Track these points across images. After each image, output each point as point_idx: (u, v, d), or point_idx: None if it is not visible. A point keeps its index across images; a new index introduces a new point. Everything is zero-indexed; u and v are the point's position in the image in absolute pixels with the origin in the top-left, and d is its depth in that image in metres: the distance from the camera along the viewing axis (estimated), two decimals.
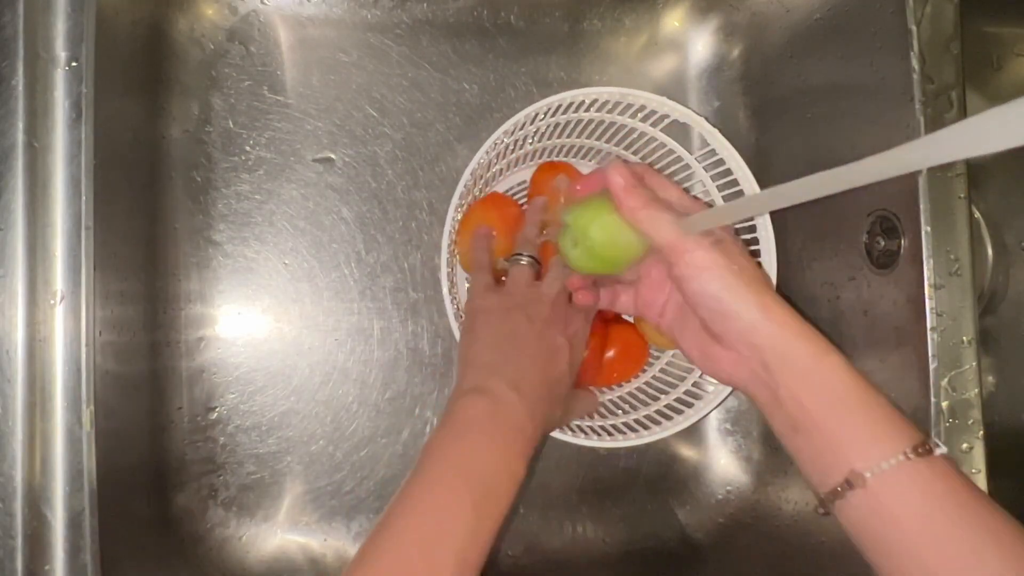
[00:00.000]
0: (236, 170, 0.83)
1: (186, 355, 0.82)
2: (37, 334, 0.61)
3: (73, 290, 0.61)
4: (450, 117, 0.87)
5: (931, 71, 0.69)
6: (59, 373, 0.61)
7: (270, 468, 0.83)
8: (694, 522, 0.90)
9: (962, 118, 0.68)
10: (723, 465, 0.92)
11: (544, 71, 0.89)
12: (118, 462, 0.68)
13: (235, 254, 0.83)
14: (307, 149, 0.85)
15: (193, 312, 0.82)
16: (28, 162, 0.61)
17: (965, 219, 0.69)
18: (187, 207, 0.82)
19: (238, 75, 0.84)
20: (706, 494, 0.91)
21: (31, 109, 0.61)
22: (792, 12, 0.83)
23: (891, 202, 0.72)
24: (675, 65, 0.93)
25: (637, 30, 0.91)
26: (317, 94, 0.85)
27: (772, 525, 0.85)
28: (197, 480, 0.82)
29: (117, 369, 0.69)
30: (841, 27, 0.77)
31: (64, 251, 0.61)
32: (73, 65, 0.62)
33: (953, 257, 0.69)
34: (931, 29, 0.70)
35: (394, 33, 0.86)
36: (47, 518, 0.61)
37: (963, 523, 0.50)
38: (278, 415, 0.83)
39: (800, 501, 0.83)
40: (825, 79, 0.80)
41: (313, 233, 0.84)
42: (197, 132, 0.83)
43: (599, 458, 0.89)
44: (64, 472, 0.61)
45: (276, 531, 0.83)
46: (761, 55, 0.88)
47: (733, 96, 0.92)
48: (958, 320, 0.68)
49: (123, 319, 0.71)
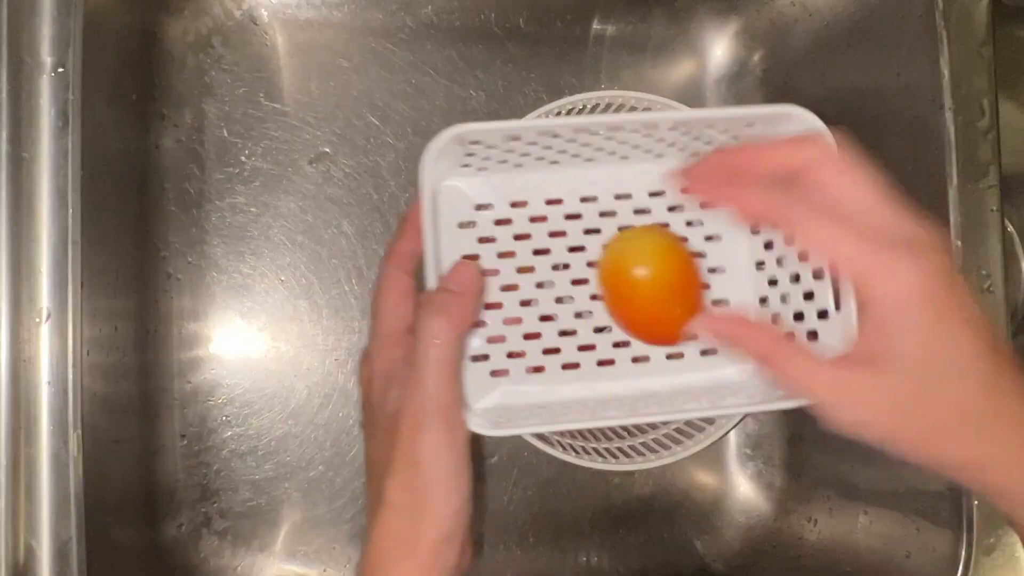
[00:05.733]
0: (231, 181, 0.82)
1: (178, 376, 0.80)
2: (21, 354, 0.60)
3: (59, 307, 0.60)
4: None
5: (961, 76, 0.68)
6: (44, 395, 0.60)
7: (267, 495, 0.81)
8: (713, 552, 0.89)
9: (994, 126, 0.68)
10: (743, 492, 0.90)
11: (555, 77, 0.87)
12: (107, 488, 0.66)
13: (230, 270, 0.82)
14: (305, 159, 0.83)
15: (186, 331, 0.81)
16: (12, 173, 0.60)
17: (997, 233, 0.68)
18: (179, 220, 0.81)
19: (233, 82, 0.82)
20: (725, 522, 0.90)
21: (15, 117, 0.60)
22: (815, 15, 0.82)
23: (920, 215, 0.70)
24: (692, 70, 0.91)
25: (652, 34, 0.90)
26: (316, 101, 0.84)
27: (795, 554, 0.84)
28: (190, 507, 0.80)
29: (106, 391, 0.67)
30: (866, 30, 0.76)
31: (50, 267, 0.60)
32: (59, 71, 0.61)
33: (985, 273, 0.68)
34: (961, 33, 0.69)
35: (397, 38, 0.85)
36: (32, 547, 0.59)
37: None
38: (275, 439, 0.82)
39: (824, 530, 0.82)
40: (850, 85, 0.78)
41: (312, 248, 0.83)
42: (190, 141, 0.81)
43: (613, 485, 0.87)
44: (50, 499, 0.60)
45: (273, 561, 0.81)
46: (782, 60, 0.87)
47: (753, 103, 0.90)
48: None
49: (112, 338, 0.70)
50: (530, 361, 0.62)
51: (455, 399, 0.50)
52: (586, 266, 0.63)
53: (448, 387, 0.50)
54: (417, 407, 0.50)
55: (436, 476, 0.50)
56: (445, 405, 0.50)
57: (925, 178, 0.69)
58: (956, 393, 0.47)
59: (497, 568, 0.84)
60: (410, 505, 0.50)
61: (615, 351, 0.64)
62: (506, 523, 0.85)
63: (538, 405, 0.61)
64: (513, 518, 0.85)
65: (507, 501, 0.85)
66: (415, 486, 0.50)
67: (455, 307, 0.51)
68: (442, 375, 0.50)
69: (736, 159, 0.53)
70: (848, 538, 0.78)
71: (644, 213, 0.64)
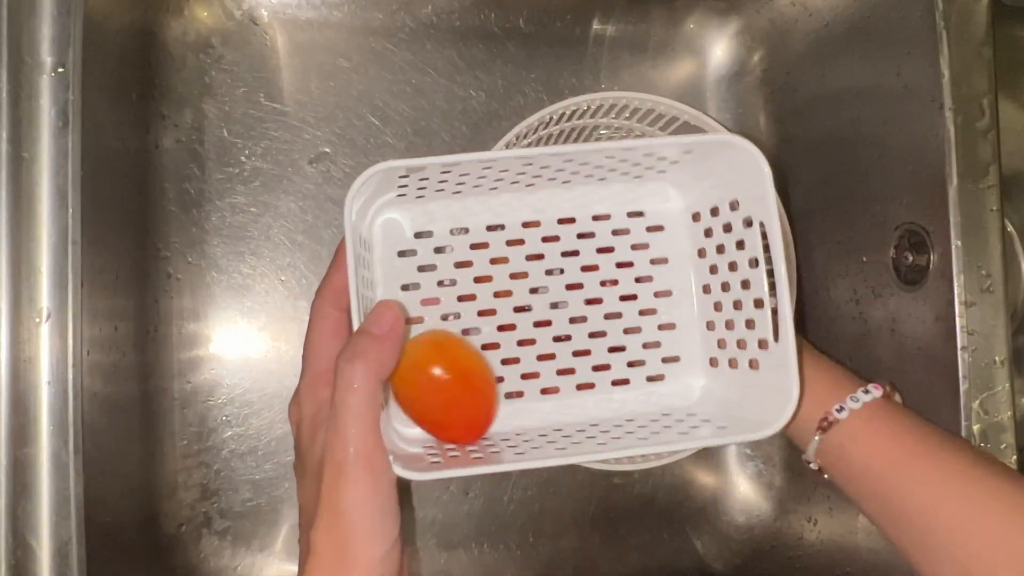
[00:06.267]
0: (231, 181, 0.82)
1: (178, 376, 0.80)
2: (21, 354, 0.59)
3: (59, 307, 0.60)
4: (456, 126, 0.85)
5: (961, 76, 0.68)
6: (44, 395, 0.59)
7: (267, 495, 0.81)
8: (712, 552, 0.89)
9: (994, 126, 0.68)
10: (743, 492, 0.90)
11: (555, 77, 0.87)
12: (107, 489, 0.66)
13: (230, 270, 0.82)
14: (305, 159, 0.83)
15: (186, 331, 0.81)
16: (12, 173, 0.59)
17: (997, 233, 0.68)
18: (179, 220, 0.81)
19: (233, 82, 0.82)
20: (725, 522, 0.90)
21: (15, 117, 0.60)
22: (815, 15, 0.82)
23: (920, 215, 0.71)
24: (692, 70, 0.91)
25: (652, 34, 0.90)
26: (316, 101, 0.83)
27: (795, 554, 0.84)
28: (190, 507, 0.80)
29: (106, 391, 0.67)
30: (866, 30, 0.75)
31: (50, 266, 0.60)
32: (60, 71, 0.60)
33: (985, 273, 0.67)
34: (961, 33, 0.68)
35: (397, 37, 0.85)
36: (32, 547, 0.59)
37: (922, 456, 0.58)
38: (275, 439, 0.82)
39: (825, 529, 0.81)
40: (850, 84, 0.78)
41: (312, 248, 0.83)
42: (190, 141, 0.81)
43: (612, 485, 0.87)
44: (50, 499, 0.59)
45: (273, 561, 0.81)
46: (782, 60, 0.87)
47: (753, 103, 0.90)
48: (990, 339, 0.67)
49: (112, 338, 0.70)
50: None
51: (375, 445, 0.49)
52: (529, 293, 0.62)
53: (368, 434, 0.49)
54: (339, 455, 0.48)
55: (360, 524, 0.48)
56: (366, 452, 0.48)
57: (925, 178, 0.69)
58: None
59: (497, 568, 0.84)
60: (336, 554, 0.49)
61: (559, 379, 0.63)
62: (506, 523, 0.85)
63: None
64: (513, 518, 0.85)
65: (507, 501, 0.85)
66: (339, 535, 0.49)
67: (372, 352, 0.50)
68: (362, 422, 0.48)
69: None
70: (848, 538, 0.77)
71: (588, 237, 0.63)
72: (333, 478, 0.49)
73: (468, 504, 0.84)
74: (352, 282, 0.51)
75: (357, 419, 0.48)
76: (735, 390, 0.60)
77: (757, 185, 0.54)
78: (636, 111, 0.73)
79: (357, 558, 0.49)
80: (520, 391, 0.62)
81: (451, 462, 0.54)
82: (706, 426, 0.58)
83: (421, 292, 0.61)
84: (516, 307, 0.62)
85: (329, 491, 0.49)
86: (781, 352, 0.53)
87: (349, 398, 0.49)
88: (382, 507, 0.49)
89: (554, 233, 0.62)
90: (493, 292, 0.62)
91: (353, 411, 0.48)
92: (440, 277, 0.61)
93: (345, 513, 0.48)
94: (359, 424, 0.48)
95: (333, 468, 0.49)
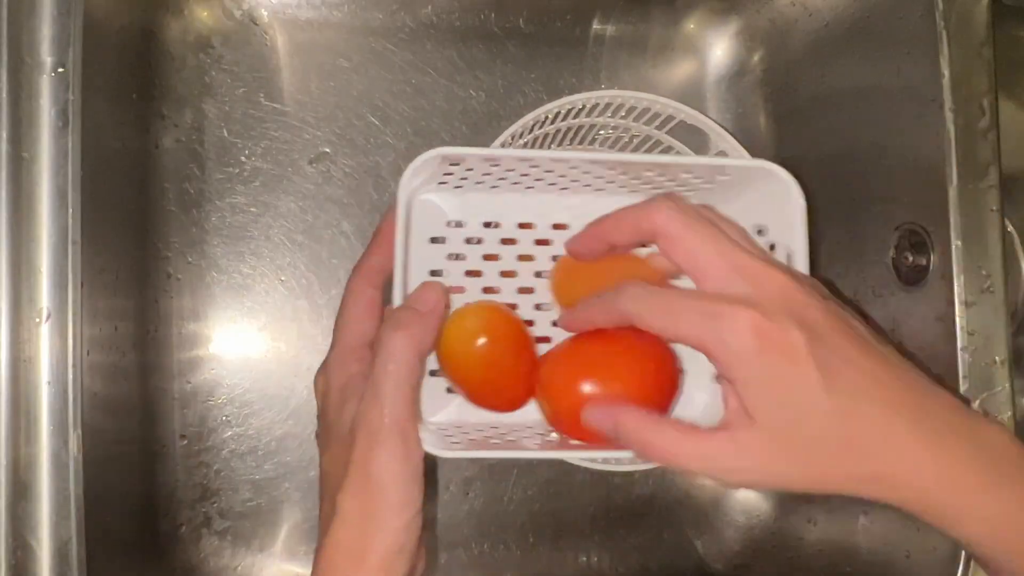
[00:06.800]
0: (231, 181, 0.82)
1: (178, 376, 0.80)
2: (21, 354, 0.59)
3: (59, 307, 0.59)
4: (456, 125, 0.85)
5: (961, 76, 0.68)
6: (44, 395, 0.59)
7: (267, 495, 0.81)
8: (713, 552, 0.89)
9: (994, 126, 0.68)
10: (743, 492, 0.90)
11: (555, 77, 0.87)
12: (107, 488, 0.66)
13: (230, 270, 0.82)
14: (305, 159, 0.83)
15: (186, 331, 0.81)
16: (12, 173, 0.59)
17: (998, 233, 0.68)
18: (179, 220, 0.81)
19: (233, 82, 0.82)
20: (725, 523, 0.90)
21: (15, 117, 0.59)
22: (815, 15, 0.82)
23: (920, 215, 0.71)
24: (692, 71, 0.91)
25: (652, 34, 0.90)
26: (316, 101, 0.83)
27: (795, 555, 0.84)
28: (190, 507, 0.80)
29: (106, 391, 0.67)
30: (866, 30, 0.76)
31: (50, 266, 0.59)
32: (60, 71, 0.60)
33: (985, 273, 0.67)
34: (961, 33, 0.68)
35: (397, 37, 0.85)
36: (32, 547, 0.59)
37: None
38: (275, 439, 0.82)
39: (824, 530, 0.81)
40: (850, 84, 0.78)
41: (312, 248, 0.83)
42: (190, 141, 0.81)
43: (613, 485, 0.87)
44: (50, 499, 0.59)
45: (273, 561, 0.81)
46: (782, 60, 0.87)
47: (753, 103, 0.90)
48: (990, 339, 0.67)
49: (112, 338, 0.70)
50: None
51: (411, 415, 0.50)
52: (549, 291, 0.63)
53: (405, 403, 0.50)
54: (373, 421, 0.49)
55: (389, 489, 0.49)
56: (401, 421, 0.49)
57: (925, 178, 0.69)
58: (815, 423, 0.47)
59: (497, 568, 0.84)
60: (362, 517, 0.50)
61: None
62: (506, 523, 0.85)
63: (490, 424, 0.60)
64: (513, 518, 0.85)
65: (507, 501, 0.85)
66: (368, 498, 0.50)
67: (416, 326, 0.51)
68: (400, 391, 0.49)
69: (601, 228, 0.54)
70: (848, 538, 0.77)
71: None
72: (367, 444, 0.49)
73: (468, 504, 0.84)
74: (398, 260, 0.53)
75: (395, 388, 0.49)
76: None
77: (789, 213, 0.54)
78: (632, 109, 0.73)
79: (383, 522, 0.50)
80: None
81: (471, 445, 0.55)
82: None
83: (448, 279, 0.61)
84: (536, 304, 0.63)
85: (362, 456, 0.50)
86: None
87: (391, 366, 0.50)
88: (412, 475, 0.50)
89: None
90: (517, 288, 0.62)
91: (393, 380, 0.49)
92: (468, 267, 0.62)
93: (376, 478, 0.49)
94: (397, 393, 0.49)
95: (367, 434, 0.49)
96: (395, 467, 0.49)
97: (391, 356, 0.50)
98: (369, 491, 0.50)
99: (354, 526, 0.50)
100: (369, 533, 0.50)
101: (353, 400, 0.52)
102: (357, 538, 0.50)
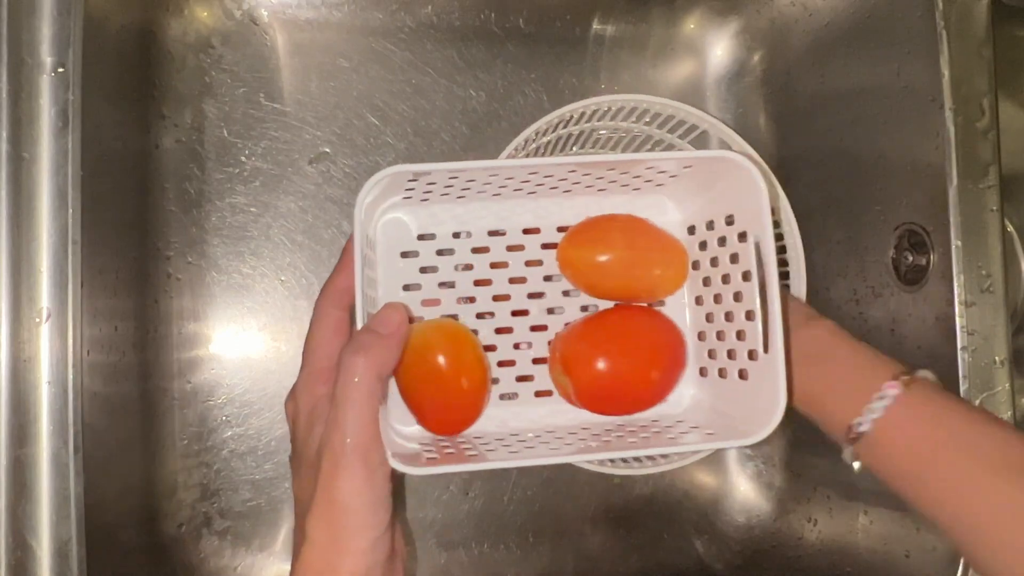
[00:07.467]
0: (231, 181, 0.82)
1: (178, 376, 0.80)
2: (21, 354, 0.59)
3: (59, 307, 0.60)
4: (456, 125, 0.85)
5: (961, 76, 0.68)
6: (44, 395, 0.59)
7: (267, 495, 0.81)
8: (713, 552, 0.89)
9: (994, 126, 0.68)
10: (743, 492, 0.90)
11: (555, 77, 0.87)
12: (107, 488, 0.66)
13: (230, 270, 0.82)
14: (305, 159, 0.83)
15: (186, 331, 0.81)
16: (12, 173, 0.59)
17: (997, 233, 0.68)
18: (179, 220, 0.81)
19: (233, 82, 0.82)
20: (725, 523, 0.90)
21: (15, 117, 0.60)
22: (815, 15, 0.82)
23: (920, 215, 0.71)
24: (692, 71, 0.92)
25: (652, 34, 0.90)
26: (316, 101, 0.84)
27: (795, 554, 0.84)
28: (190, 507, 0.80)
29: (106, 391, 0.67)
30: (866, 30, 0.76)
31: (50, 266, 0.59)
32: (60, 71, 0.60)
33: (985, 273, 0.68)
34: (961, 33, 0.68)
35: (397, 37, 0.85)
36: (32, 547, 0.59)
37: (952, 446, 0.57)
38: (275, 439, 0.82)
39: (825, 529, 0.81)
40: (850, 84, 0.78)
41: (312, 248, 0.83)
42: (190, 141, 0.81)
43: (612, 486, 0.87)
44: (50, 499, 0.59)
45: (273, 561, 0.81)
46: (782, 60, 0.87)
47: (753, 103, 0.90)
48: (990, 339, 0.67)
49: (112, 338, 0.69)
50: None
51: (373, 438, 0.50)
52: (527, 298, 0.63)
53: (366, 427, 0.49)
54: (336, 446, 0.49)
55: (353, 513, 0.50)
56: (363, 444, 0.49)
57: (925, 178, 0.69)
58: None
59: (497, 568, 0.84)
60: (329, 541, 0.50)
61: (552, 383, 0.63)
62: (506, 523, 0.85)
63: (474, 434, 0.60)
64: (513, 518, 0.85)
65: (507, 501, 0.85)
66: (333, 522, 0.50)
67: (377, 348, 0.51)
68: (361, 415, 0.49)
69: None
70: (848, 538, 0.77)
71: None
72: (330, 468, 0.50)
73: (468, 504, 0.84)
74: (358, 281, 0.52)
75: (356, 412, 0.49)
76: (724, 400, 0.60)
77: (753, 201, 0.54)
78: (633, 111, 0.72)
79: (349, 544, 0.50)
80: (515, 393, 0.63)
81: (446, 459, 0.55)
82: (695, 432, 0.59)
83: (422, 293, 0.61)
84: (514, 311, 0.63)
85: (325, 481, 0.50)
86: (770, 363, 0.53)
87: (350, 391, 0.50)
88: (376, 498, 0.50)
89: (554, 240, 0.62)
90: (492, 295, 0.62)
91: (353, 404, 0.49)
92: (441, 279, 0.61)
93: (339, 503, 0.49)
94: (358, 417, 0.49)
95: (330, 459, 0.49)
96: (358, 491, 0.50)
97: (350, 380, 0.50)
98: (334, 515, 0.50)
99: (322, 550, 0.50)
100: (336, 557, 0.50)
101: (320, 424, 0.53)
102: (325, 562, 0.50)
